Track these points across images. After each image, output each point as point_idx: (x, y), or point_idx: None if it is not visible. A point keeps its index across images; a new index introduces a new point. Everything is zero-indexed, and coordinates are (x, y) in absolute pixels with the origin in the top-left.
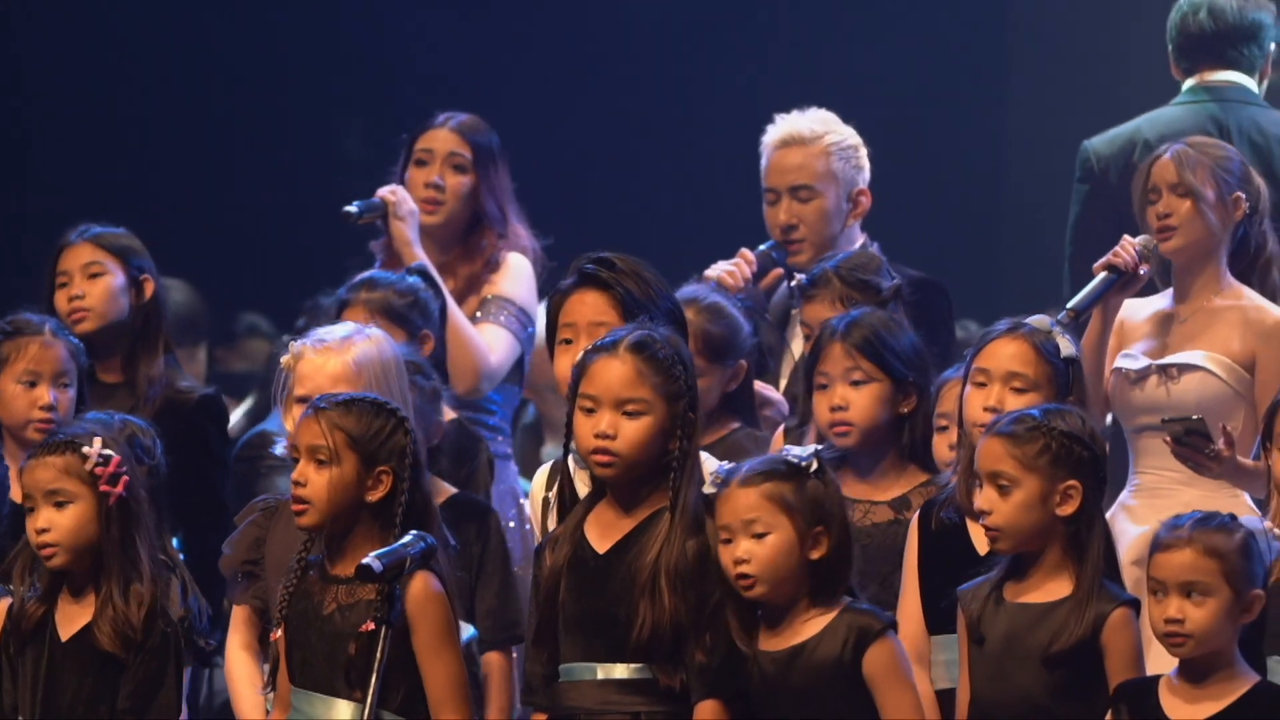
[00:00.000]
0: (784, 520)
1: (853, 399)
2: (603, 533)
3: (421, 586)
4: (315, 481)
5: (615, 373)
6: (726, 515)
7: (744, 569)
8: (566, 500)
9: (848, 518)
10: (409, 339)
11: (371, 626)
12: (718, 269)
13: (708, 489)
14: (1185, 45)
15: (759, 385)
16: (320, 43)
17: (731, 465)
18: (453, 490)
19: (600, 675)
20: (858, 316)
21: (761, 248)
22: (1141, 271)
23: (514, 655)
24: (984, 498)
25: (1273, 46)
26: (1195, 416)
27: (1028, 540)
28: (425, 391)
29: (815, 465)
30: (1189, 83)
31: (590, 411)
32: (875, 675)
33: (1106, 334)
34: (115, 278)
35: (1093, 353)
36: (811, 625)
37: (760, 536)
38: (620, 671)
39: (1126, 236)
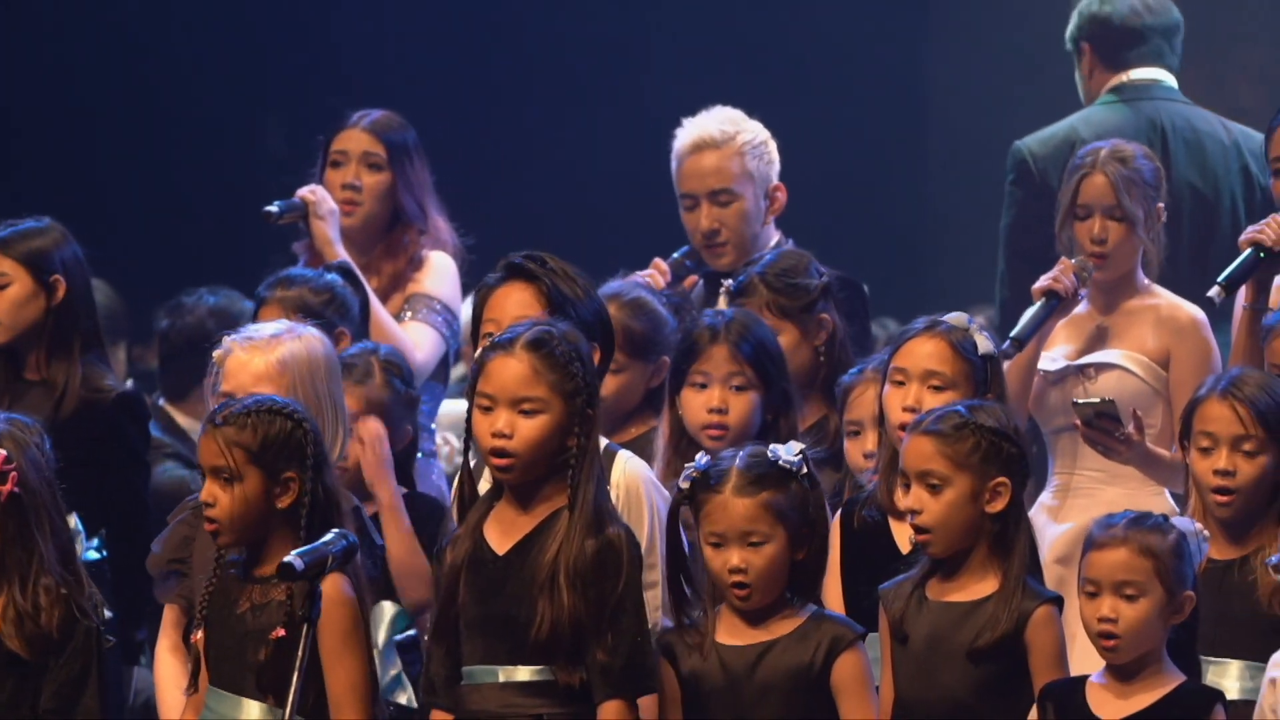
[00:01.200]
0: (780, 530)
1: (732, 403)
2: (502, 532)
3: (331, 588)
4: (223, 501)
5: (511, 371)
6: (720, 523)
7: (740, 579)
8: (465, 498)
9: (827, 519)
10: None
11: (282, 633)
12: (632, 279)
13: (683, 483)
14: (1107, 43)
15: None
16: (241, 41)
17: (710, 461)
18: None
19: (502, 678)
20: (742, 320)
21: (675, 255)
22: (1080, 295)
23: None
24: (914, 497)
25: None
26: (1105, 399)
27: (958, 539)
28: (401, 396)
29: (805, 470)
30: (1113, 82)
31: (487, 410)
32: (842, 684)
33: (1037, 353)
34: (20, 287)
35: (1024, 370)
36: (783, 625)
37: (757, 545)
38: (522, 674)
39: (1064, 259)
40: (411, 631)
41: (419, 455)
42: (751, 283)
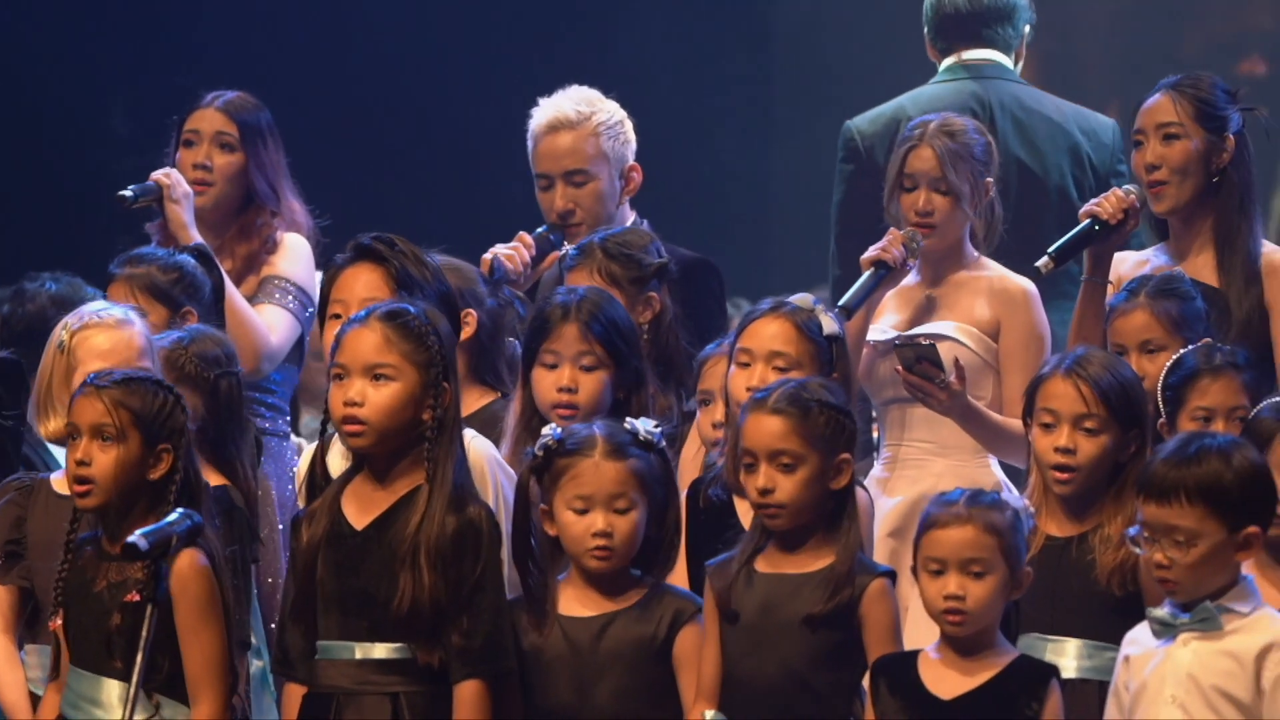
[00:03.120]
0: (643, 499)
1: (582, 382)
2: (361, 508)
3: (187, 562)
4: (101, 461)
5: (365, 340)
6: (590, 485)
7: (604, 542)
8: (317, 475)
9: (679, 496)
10: (171, 316)
11: (137, 597)
12: (497, 252)
13: (538, 450)
14: (942, 25)
15: None
16: (84, 22)
17: (563, 431)
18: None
19: (358, 655)
20: (594, 298)
21: (539, 230)
22: (908, 265)
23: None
24: (765, 476)
25: (1027, 29)
26: (927, 342)
27: (805, 515)
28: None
29: (662, 445)
30: (947, 62)
31: (341, 379)
32: (683, 656)
33: (866, 324)
34: None
35: (853, 341)
36: (626, 598)
37: (623, 511)
38: (379, 651)
39: (893, 230)
40: None
41: (275, 438)
42: (590, 246)
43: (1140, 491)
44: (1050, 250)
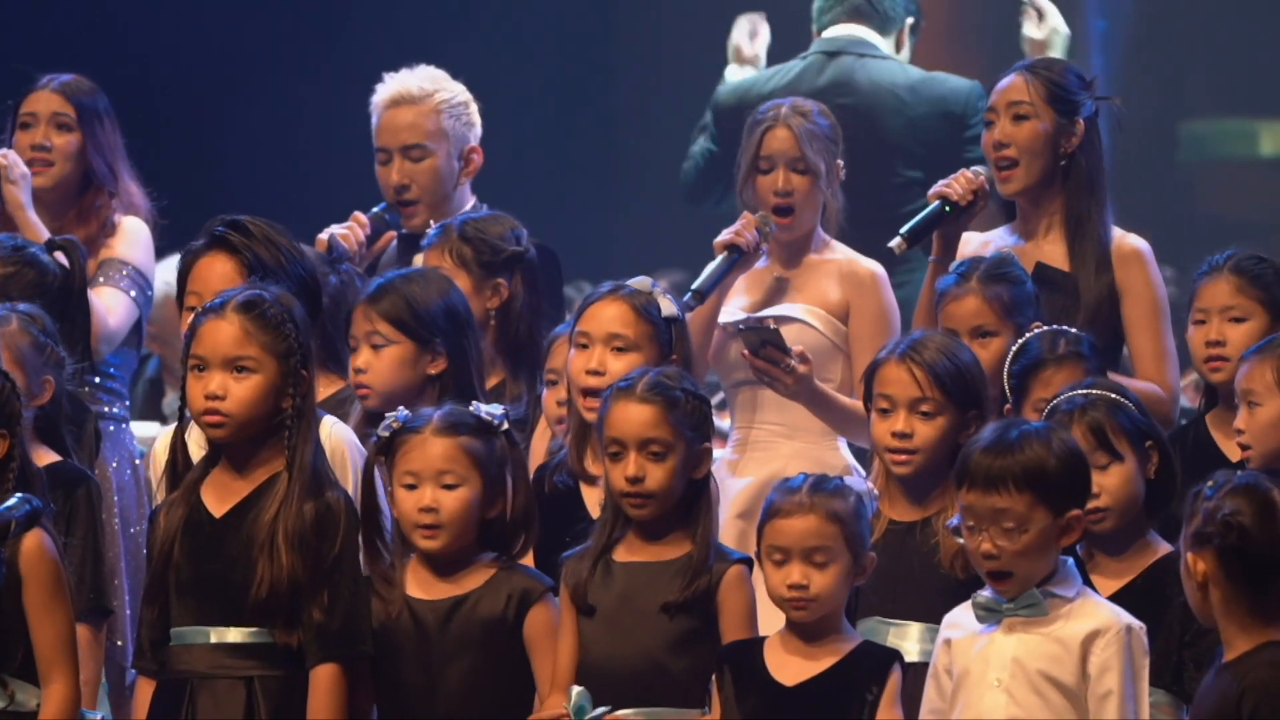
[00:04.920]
0: (475, 476)
1: (371, 363)
2: (220, 496)
3: (34, 545)
4: None
5: (223, 333)
6: (417, 462)
7: (431, 519)
8: (179, 464)
9: (528, 481)
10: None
11: None
12: (331, 232)
13: (382, 431)
14: (823, 4)
15: None
16: None
17: (409, 414)
18: (55, 457)
19: (213, 639)
20: (382, 283)
21: (375, 210)
22: (761, 249)
23: (103, 630)
24: (635, 464)
25: (910, 20)
26: (772, 325)
27: (670, 504)
28: (44, 350)
29: (506, 428)
30: (817, 39)
31: (200, 371)
32: (534, 637)
33: (718, 307)
34: None
35: (705, 324)
36: (474, 579)
37: (451, 488)
38: (234, 635)
39: (746, 214)
40: None
41: (113, 422)
42: (448, 227)
43: (961, 481)
44: (902, 231)
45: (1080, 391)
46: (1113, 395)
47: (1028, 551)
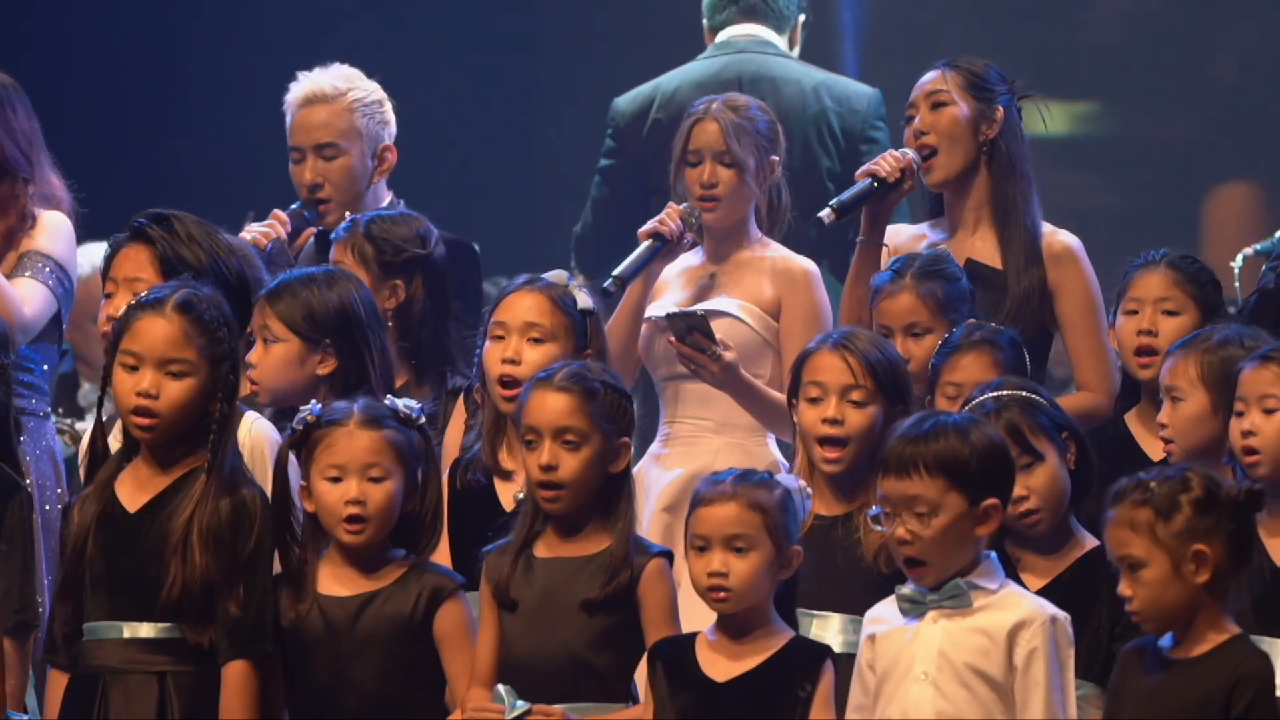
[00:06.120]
0: (399, 469)
1: (262, 359)
2: (135, 491)
3: None
4: None
5: (161, 331)
6: (344, 454)
7: (358, 511)
8: (98, 455)
9: (440, 479)
10: None
11: None
12: (252, 231)
13: (296, 425)
14: (714, 3)
15: None
16: None
17: (339, 402)
18: None
19: (126, 634)
20: (283, 280)
21: (293, 207)
22: (686, 239)
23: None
24: (549, 453)
25: (802, 18)
26: (700, 313)
27: (585, 497)
28: None
29: (422, 420)
30: (713, 40)
31: (133, 369)
32: (445, 634)
33: (644, 298)
34: None
35: (631, 314)
36: (385, 576)
37: (377, 480)
38: (146, 630)
39: (671, 204)
40: None
41: (33, 418)
42: (355, 224)
43: (879, 468)
44: (832, 203)
45: (991, 395)
46: (1024, 394)
47: (941, 539)
